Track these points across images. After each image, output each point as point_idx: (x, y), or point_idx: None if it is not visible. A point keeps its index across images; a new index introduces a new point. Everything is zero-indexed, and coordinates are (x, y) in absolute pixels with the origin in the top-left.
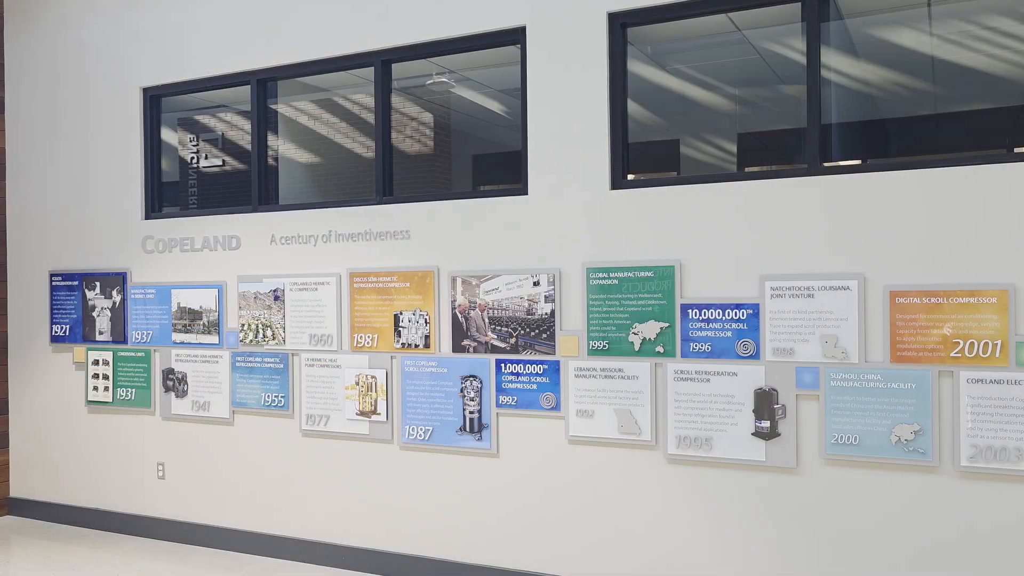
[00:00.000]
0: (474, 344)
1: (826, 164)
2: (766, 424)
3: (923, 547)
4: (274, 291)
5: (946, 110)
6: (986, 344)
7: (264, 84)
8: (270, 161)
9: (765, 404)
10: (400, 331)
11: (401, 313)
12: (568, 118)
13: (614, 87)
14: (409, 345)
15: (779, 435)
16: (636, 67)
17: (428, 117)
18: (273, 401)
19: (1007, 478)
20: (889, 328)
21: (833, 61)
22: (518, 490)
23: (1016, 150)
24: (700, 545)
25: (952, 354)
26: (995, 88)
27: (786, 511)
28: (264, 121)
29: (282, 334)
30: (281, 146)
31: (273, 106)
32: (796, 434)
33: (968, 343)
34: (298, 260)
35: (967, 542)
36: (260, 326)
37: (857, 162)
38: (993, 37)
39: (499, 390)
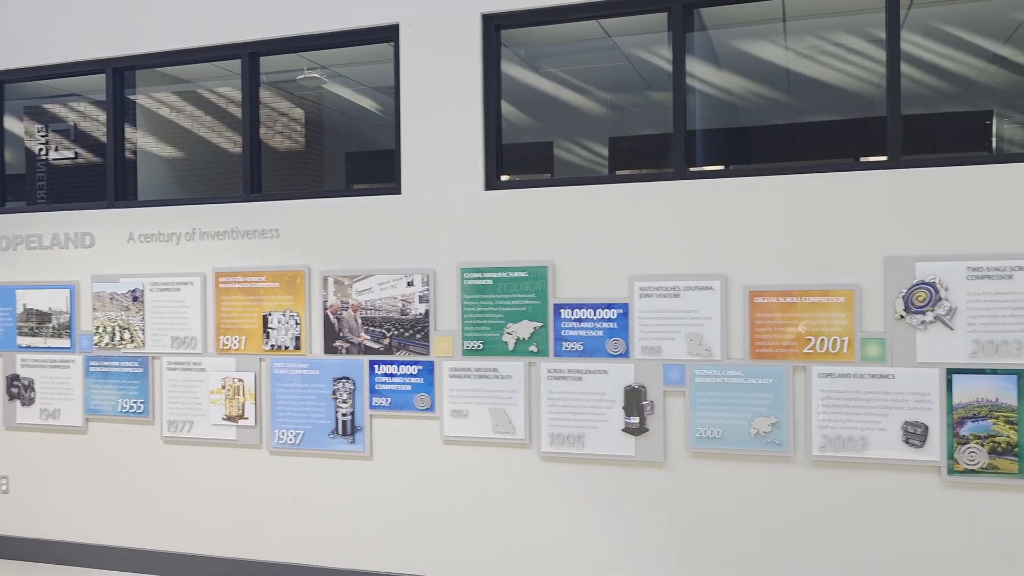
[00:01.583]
0: (347, 345)
1: (692, 169)
2: (635, 420)
3: (781, 533)
4: (133, 292)
5: (800, 120)
6: (835, 341)
7: (121, 73)
8: (128, 154)
9: (634, 401)
10: (269, 332)
11: (270, 314)
12: (442, 118)
13: (488, 88)
14: (279, 347)
15: (647, 431)
16: (510, 69)
17: (299, 113)
18: (131, 407)
19: (853, 465)
20: (749, 326)
21: (698, 70)
22: (393, 492)
23: (861, 159)
24: (574, 540)
25: (805, 350)
26: (844, 101)
27: (655, 504)
28: (121, 112)
29: (141, 337)
30: (140, 139)
31: (131, 96)
32: (663, 429)
33: (819, 340)
34: (159, 259)
35: (820, 527)
36: (117, 328)
37: (721, 167)
38: (842, 53)
39: (373, 391)
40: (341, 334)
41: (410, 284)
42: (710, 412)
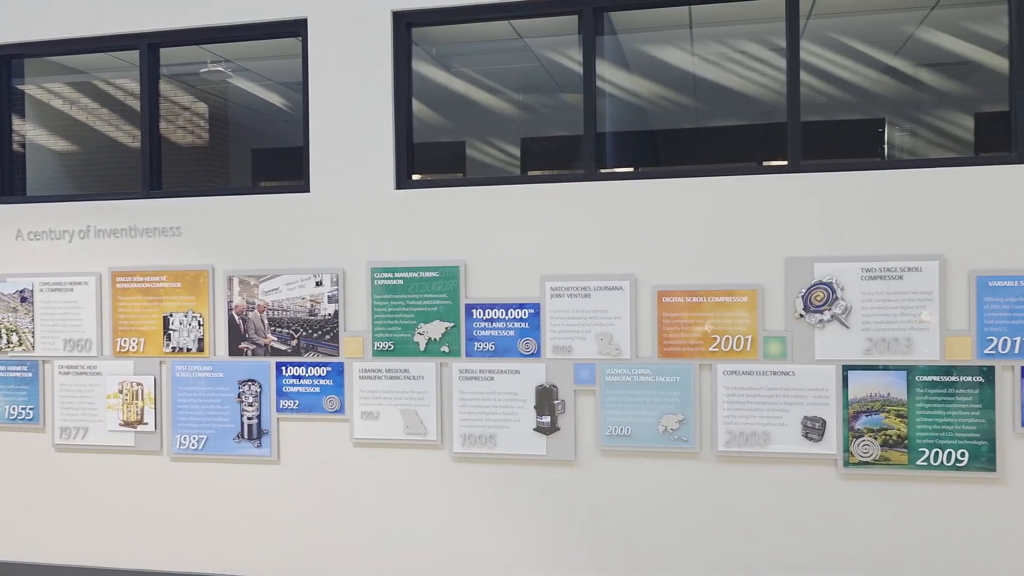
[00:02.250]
0: (253, 347)
1: (602, 171)
2: (547, 419)
3: (688, 527)
4: (20, 292)
5: (707, 124)
6: (739, 339)
7: (8, 62)
8: (16, 147)
9: (546, 400)
10: (170, 334)
11: (171, 315)
12: (352, 115)
13: (399, 86)
14: (181, 349)
15: (559, 430)
16: (422, 67)
17: (203, 108)
18: (19, 414)
19: (756, 460)
20: (657, 326)
21: (608, 73)
22: (301, 496)
23: (764, 163)
24: (486, 540)
25: (711, 349)
26: (747, 106)
27: (566, 502)
28: (8, 102)
29: (30, 339)
30: (30, 131)
31: (20, 86)
32: (574, 428)
33: (724, 338)
34: (50, 258)
35: (726, 520)
36: (3, 331)
37: (630, 169)
38: (746, 60)
39: (280, 394)
40: (247, 335)
41: (319, 284)
42: (620, 410)
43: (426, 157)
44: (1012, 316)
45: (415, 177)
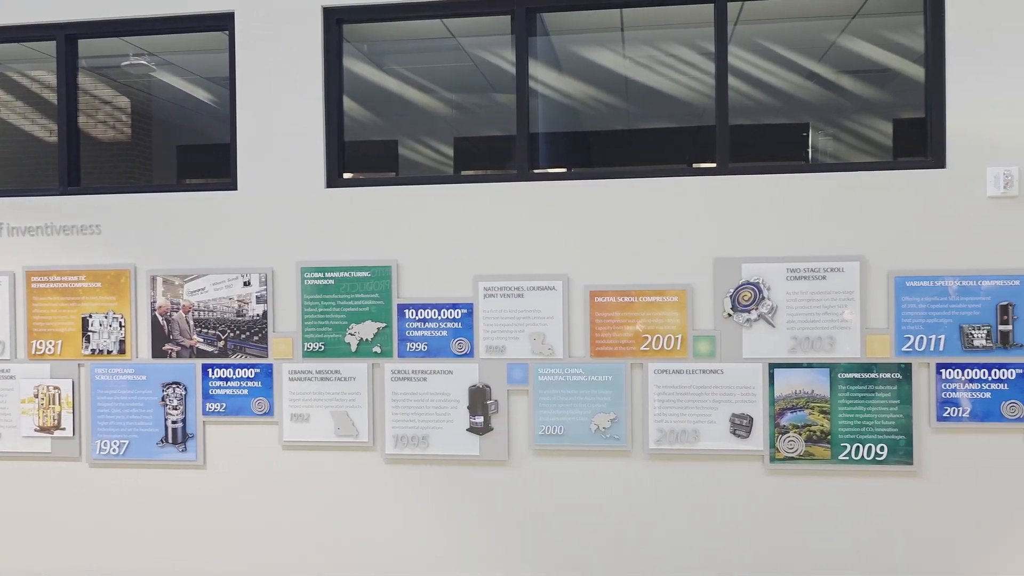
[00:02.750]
0: (177, 349)
1: (535, 171)
2: (480, 420)
3: (620, 524)
4: None
5: (638, 126)
6: (670, 338)
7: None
8: None
9: (479, 400)
10: (89, 336)
11: (91, 316)
12: (281, 112)
13: (329, 83)
14: (101, 351)
15: (492, 430)
16: (353, 65)
17: (125, 102)
18: None
19: (686, 457)
20: (589, 325)
21: (541, 74)
22: (229, 502)
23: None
24: (418, 541)
25: (642, 348)
26: (677, 109)
27: (499, 501)
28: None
29: None
30: None
31: None
32: (508, 428)
33: (655, 337)
34: None
35: (656, 517)
36: None
37: (563, 170)
38: (675, 64)
39: (206, 397)
40: (171, 337)
41: (247, 284)
42: (553, 410)
43: (358, 155)
44: (928, 315)
45: (346, 176)
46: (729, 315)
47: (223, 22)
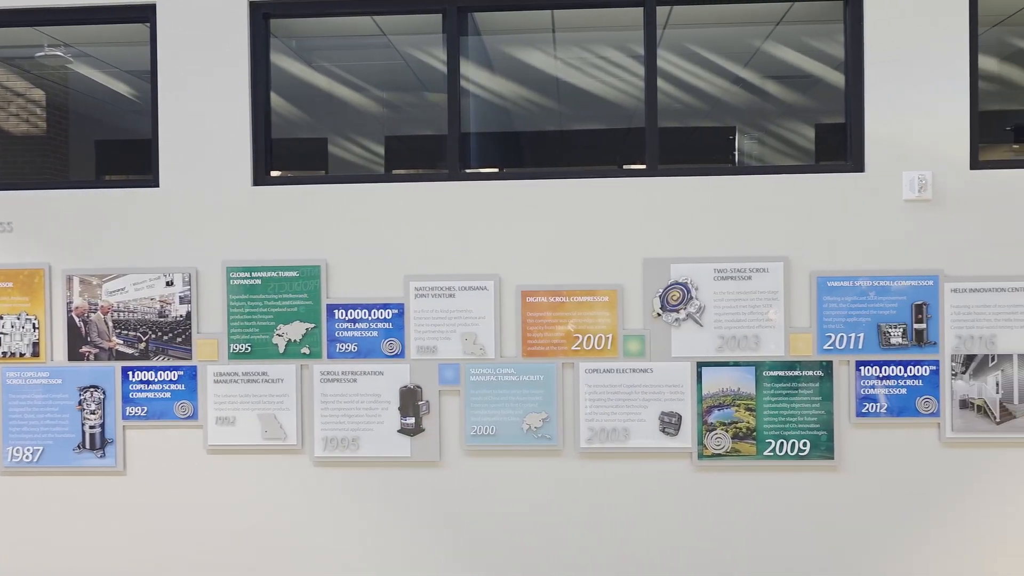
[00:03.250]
0: (95, 351)
1: (467, 171)
2: (411, 421)
3: (551, 523)
4: None
5: (570, 127)
6: (600, 338)
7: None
8: None
9: (410, 401)
10: (1, 338)
11: (2, 318)
12: (205, 107)
13: (256, 79)
14: (12, 354)
15: (423, 430)
16: (281, 61)
17: (39, 94)
18: None
19: (617, 455)
20: (521, 325)
21: (472, 73)
22: (151, 509)
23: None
24: (351, 545)
25: (573, 347)
26: (608, 111)
27: (430, 502)
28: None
29: None
30: None
31: None
32: (439, 428)
33: (586, 337)
34: None
35: (588, 515)
36: None
37: (495, 170)
38: (606, 66)
39: (126, 400)
40: (89, 339)
41: (169, 284)
42: (484, 410)
43: (286, 153)
44: (848, 314)
45: (274, 173)
46: (658, 315)
47: (144, 14)
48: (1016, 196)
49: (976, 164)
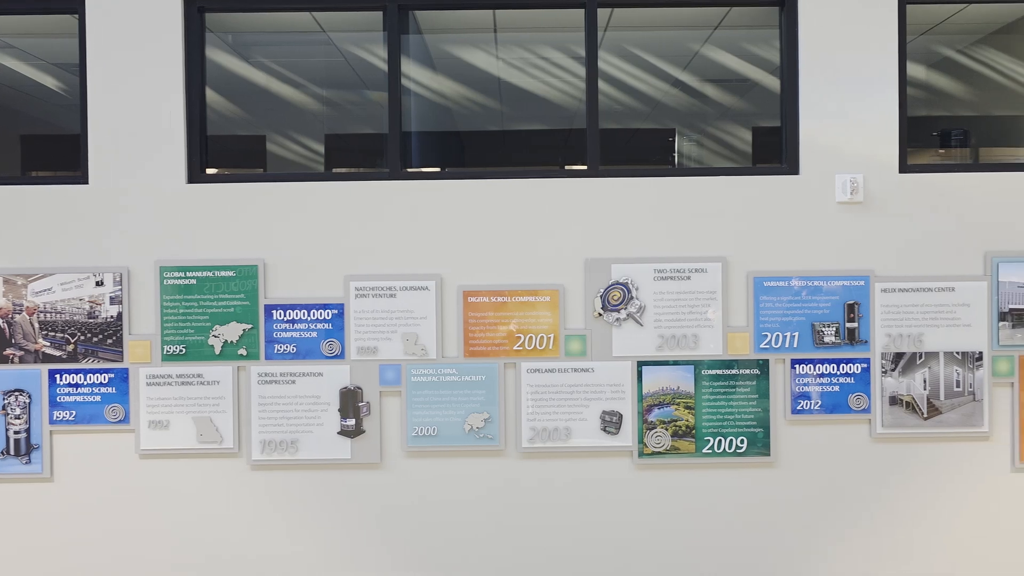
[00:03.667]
0: (20, 353)
1: (408, 170)
2: (351, 422)
3: (493, 523)
4: None
5: (511, 127)
6: (542, 338)
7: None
8: None
9: (350, 402)
10: None
11: None
12: (137, 102)
13: (190, 73)
14: None
15: (364, 432)
16: (217, 56)
17: None
18: None
19: (559, 455)
20: (463, 325)
21: (414, 72)
22: (80, 516)
23: (567, 167)
24: (290, 549)
25: (515, 347)
26: (550, 112)
27: (371, 504)
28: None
29: None
30: None
31: None
32: (380, 430)
33: (528, 337)
34: None
35: (530, 515)
36: None
37: (436, 169)
38: (548, 67)
39: (53, 404)
40: (13, 341)
41: (100, 284)
42: (426, 410)
43: (223, 150)
44: (784, 314)
45: (210, 171)
46: (599, 314)
47: (72, 4)
48: (942, 199)
49: (905, 168)
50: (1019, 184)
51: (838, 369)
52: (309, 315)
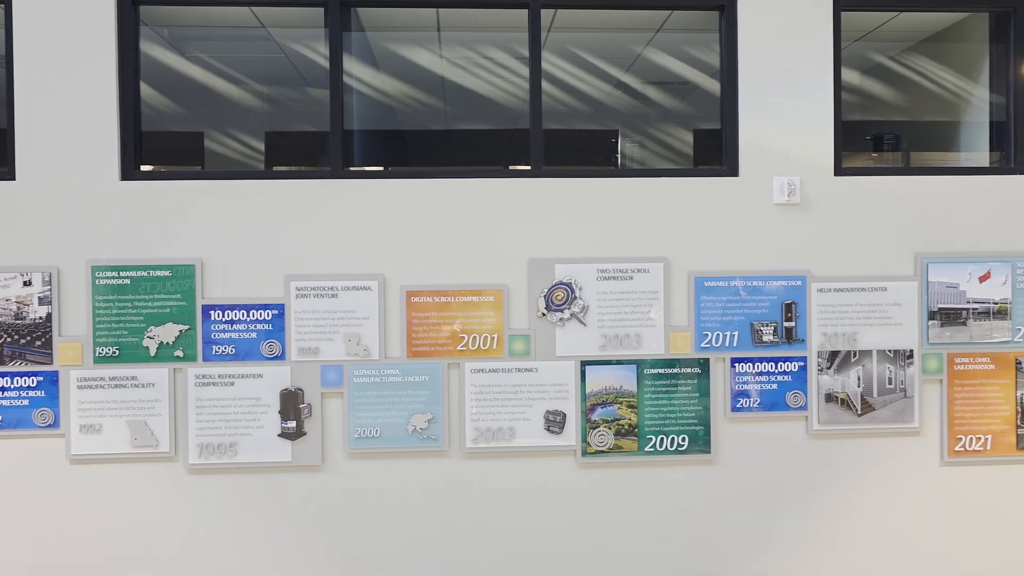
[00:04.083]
0: None
1: (350, 168)
2: (292, 424)
3: (437, 524)
4: None
5: (455, 127)
6: (486, 338)
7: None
8: None
9: (291, 404)
10: None
11: None
12: (68, 97)
13: (124, 68)
14: None
15: (305, 434)
16: (153, 50)
17: None
18: None
19: (503, 454)
20: (406, 326)
21: (356, 70)
22: (5, 525)
23: (510, 167)
24: (229, 553)
25: (459, 347)
26: (493, 111)
27: (312, 507)
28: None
29: None
30: None
31: None
32: (322, 432)
33: (472, 337)
34: None
35: (474, 515)
36: None
37: (379, 168)
38: (491, 67)
39: None
40: None
41: (27, 284)
42: (368, 412)
43: (159, 147)
44: (724, 313)
45: (144, 168)
46: (543, 314)
47: None
48: (875, 201)
49: (840, 171)
50: (948, 187)
51: (776, 368)
52: (248, 315)
